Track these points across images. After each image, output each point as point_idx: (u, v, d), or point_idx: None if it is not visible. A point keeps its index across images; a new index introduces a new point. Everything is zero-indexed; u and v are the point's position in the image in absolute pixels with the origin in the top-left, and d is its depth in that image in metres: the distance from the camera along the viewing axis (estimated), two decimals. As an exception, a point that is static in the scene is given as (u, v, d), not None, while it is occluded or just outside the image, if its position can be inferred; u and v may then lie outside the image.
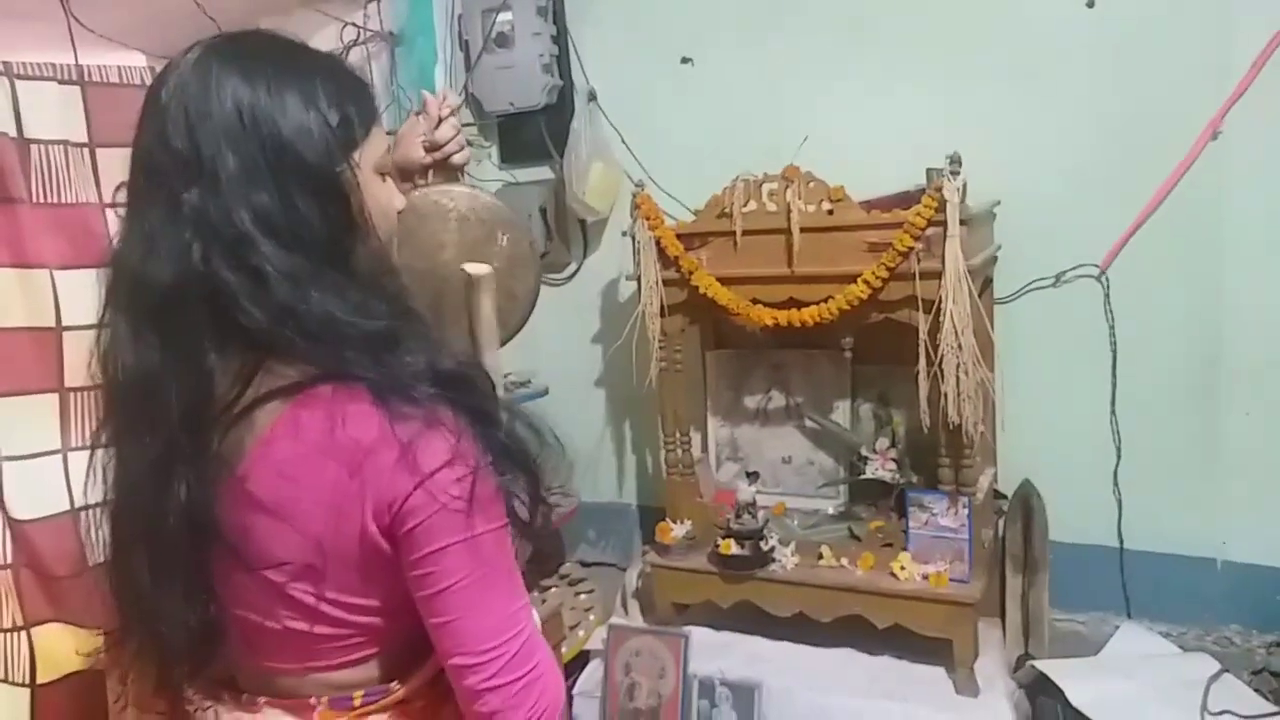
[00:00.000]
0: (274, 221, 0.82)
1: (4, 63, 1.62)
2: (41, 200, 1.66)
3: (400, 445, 0.81)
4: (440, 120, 1.20)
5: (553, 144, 2.31)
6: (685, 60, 2.24)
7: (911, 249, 1.71)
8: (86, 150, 1.71)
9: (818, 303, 1.83)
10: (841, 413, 2.15)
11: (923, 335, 1.73)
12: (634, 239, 2.00)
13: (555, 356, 2.42)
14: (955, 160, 1.69)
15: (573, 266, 2.44)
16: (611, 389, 2.46)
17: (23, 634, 1.63)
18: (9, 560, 1.61)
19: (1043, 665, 1.85)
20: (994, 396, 1.94)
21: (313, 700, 0.91)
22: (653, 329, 2.00)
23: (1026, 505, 2.03)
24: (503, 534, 0.87)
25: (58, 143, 1.68)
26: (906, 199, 1.76)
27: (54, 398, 1.66)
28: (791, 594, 1.94)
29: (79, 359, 1.64)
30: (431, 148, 1.20)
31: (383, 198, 0.94)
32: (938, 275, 1.69)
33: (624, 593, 2.28)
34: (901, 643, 1.89)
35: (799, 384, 2.19)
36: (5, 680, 1.62)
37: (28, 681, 1.63)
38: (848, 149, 1.99)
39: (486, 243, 1.21)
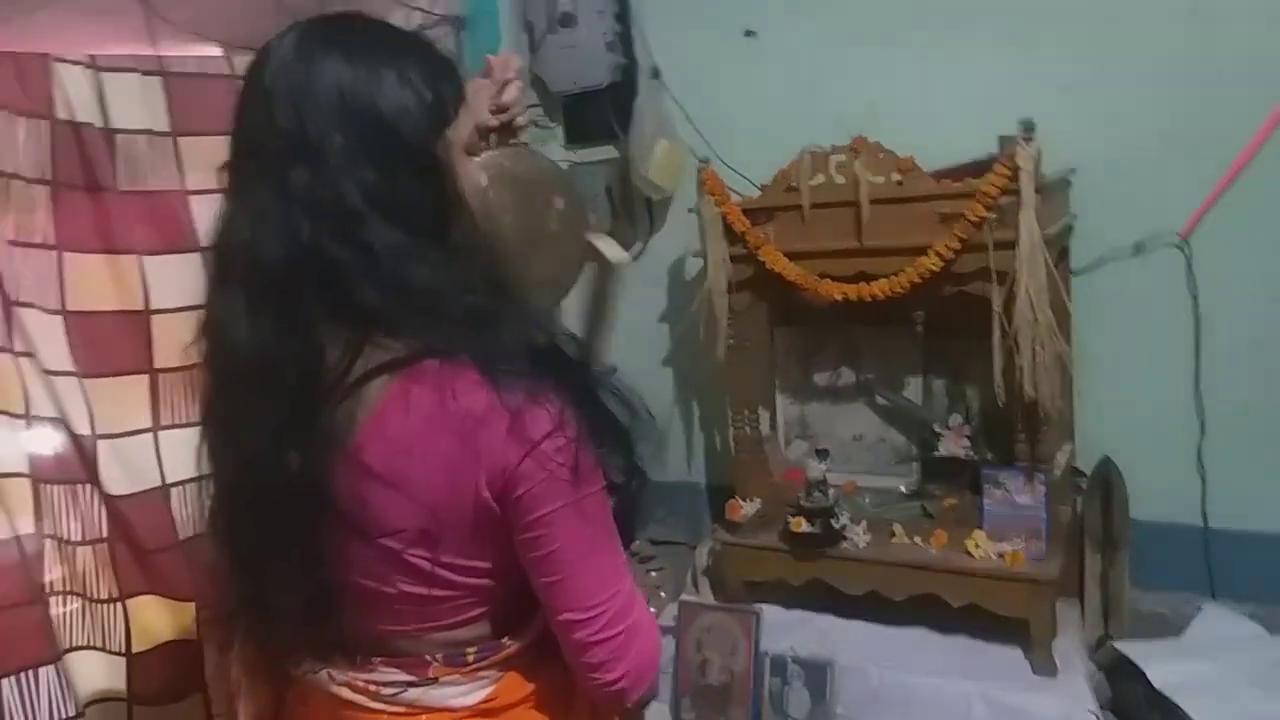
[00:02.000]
0: (379, 198, 0.84)
1: (89, 56, 1.68)
2: (128, 189, 1.72)
3: (510, 415, 0.84)
4: (505, 83, 1.21)
5: (617, 123, 2.31)
6: (749, 33, 2.21)
7: (984, 219, 1.67)
8: (169, 139, 1.76)
9: (888, 276, 1.81)
10: (913, 389, 2.12)
11: (997, 308, 1.69)
12: (700, 215, 1.99)
13: (621, 335, 2.37)
14: (1029, 126, 1.65)
15: (639, 245, 2.44)
16: (678, 367, 2.46)
17: (118, 605, 1.70)
18: (104, 534, 1.68)
19: (1123, 646, 1.81)
20: (1071, 370, 1.89)
21: (427, 658, 0.95)
22: (720, 306, 1.99)
23: (1106, 482, 1.98)
24: (603, 497, 0.91)
25: (142, 132, 1.73)
26: (978, 168, 1.73)
27: (145, 379, 1.72)
28: (864, 572, 1.93)
29: (168, 341, 1.71)
30: (497, 110, 1.22)
31: (471, 174, 0.96)
32: (1012, 246, 1.65)
33: (694, 570, 2.29)
34: (977, 622, 1.86)
35: (869, 360, 2.17)
36: (103, 649, 1.70)
37: (124, 650, 1.71)
38: (916, 118, 1.95)
39: (544, 205, 1.22)
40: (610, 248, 1.08)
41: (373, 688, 0.95)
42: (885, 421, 2.16)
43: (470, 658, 0.95)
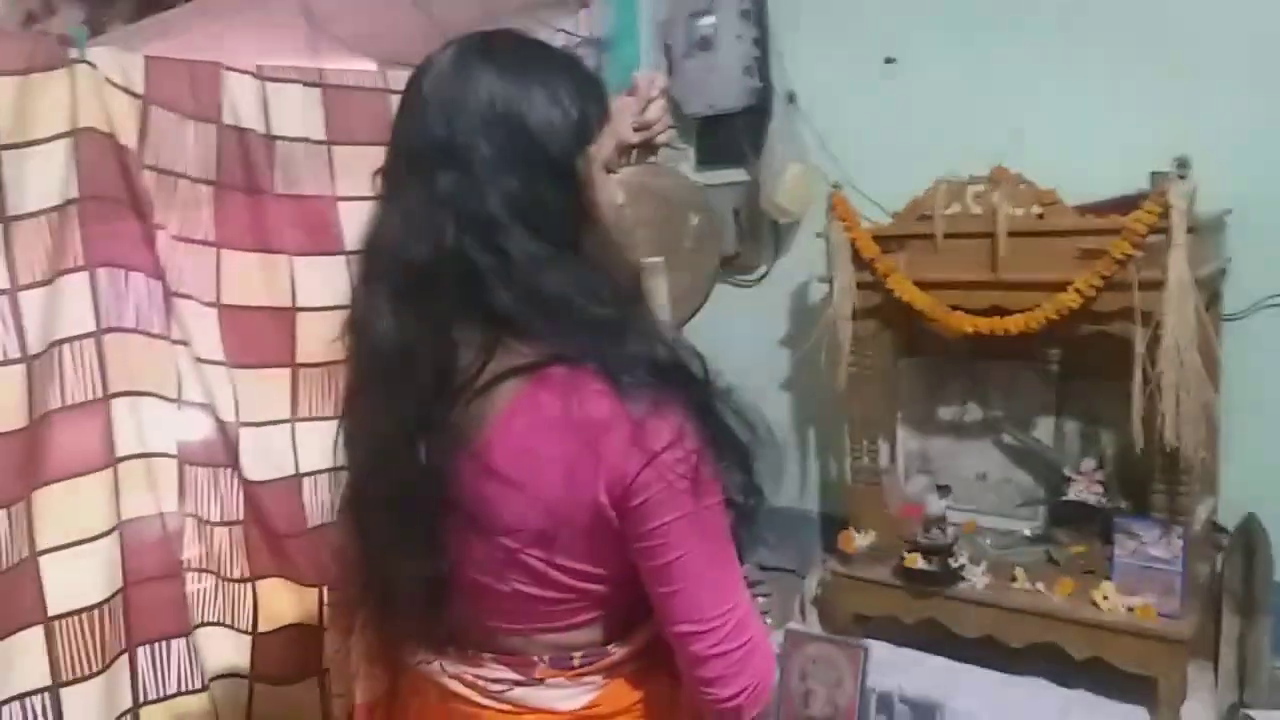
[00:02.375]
0: (521, 207, 0.87)
1: (257, 66, 1.78)
2: (283, 193, 1.81)
3: (632, 424, 0.85)
4: (649, 101, 1.23)
5: (750, 146, 2.31)
6: (889, 60, 2.19)
7: (1130, 257, 1.61)
8: (324, 148, 1.85)
9: (1024, 311, 1.76)
10: (1044, 430, 2.04)
11: (1139, 350, 1.62)
12: (828, 240, 1.98)
13: (741, 357, 2.38)
14: (1183, 163, 1.58)
15: (763, 269, 2.44)
16: (797, 393, 2.44)
17: (248, 586, 1.79)
18: (241, 517, 1.77)
19: (1258, 715, 1.69)
20: (1217, 421, 1.79)
21: (535, 658, 0.96)
22: (844, 333, 1.97)
23: (1249, 541, 1.86)
24: (720, 510, 0.91)
25: (299, 140, 1.83)
26: (1126, 204, 1.66)
27: (287, 372, 1.81)
28: (981, 615, 1.86)
29: (310, 338, 1.79)
30: (640, 127, 1.24)
31: (609, 191, 0.98)
32: (1159, 286, 1.58)
33: (802, 599, 2.25)
34: (1100, 677, 1.77)
35: (999, 397, 2.10)
36: (232, 626, 1.78)
37: (250, 629, 1.79)
38: (1061, 150, 1.90)
39: (681, 222, 1.23)
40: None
41: (481, 683, 0.97)
42: (1012, 462, 2.09)
43: (576, 662, 0.96)
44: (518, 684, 0.96)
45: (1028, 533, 2.03)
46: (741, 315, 2.43)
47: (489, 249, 0.86)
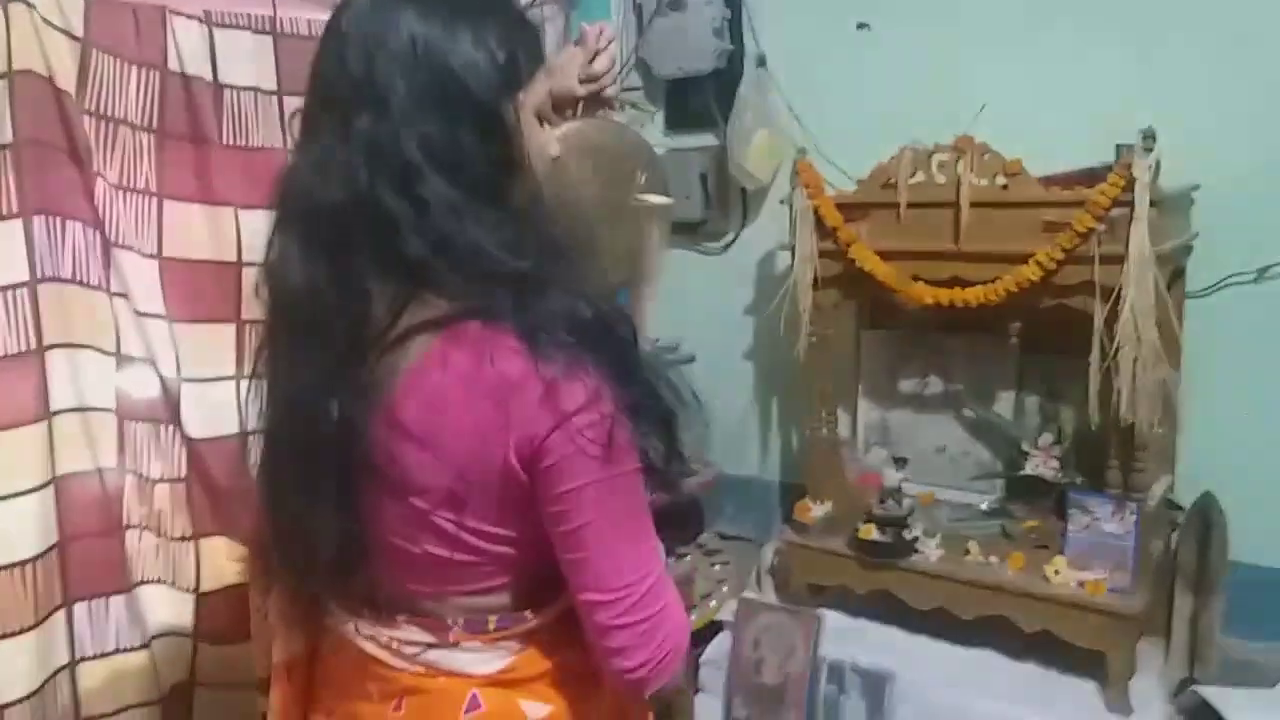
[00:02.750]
0: (439, 152, 0.84)
1: (205, 11, 1.72)
2: (231, 143, 1.76)
3: (544, 384, 0.82)
4: (598, 52, 1.19)
5: (719, 110, 2.27)
6: (861, 25, 2.15)
7: (1092, 230, 1.58)
8: (275, 98, 1.80)
9: (984, 283, 1.73)
10: (1004, 404, 2.03)
11: (1098, 324, 1.60)
12: (791, 207, 1.94)
13: (705, 325, 2.39)
14: (1149, 136, 1.55)
15: (730, 235, 2.40)
16: (760, 362, 2.42)
17: (191, 544, 1.75)
18: (182, 474, 1.73)
19: (1208, 692, 1.69)
20: (1176, 398, 1.78)
21: (449, 621, 0.94)
22: (804, 302, 1.94)
23: (1205, 519, 1.86)
24: (635, 478, 0.88)
25: (249, 89, 1.77)
26: (1091, 176, 1.63)
27: (232, 328, 1.76)
28: (933, 587, 1.85)
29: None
30: (587, 79, 1.20)
31: (540, 140, 0.95)
32: (1120, 260, 1.56)
33: (759, 568, 2.24)
34: (1049, 651, 1.77)
35: (960, 370, 2.08)
36: (173, 585, 1.75)
37: (193, 589, 1.76)
38: (1028, 121, 1.85)
39: (627, 179, 1.19)
40: (655, 196, 1.02)
41: (395, 644, 0.95)
42: (971, 435, 2.08)
43: (491, 626, 0.94)
44: (431, 646, 0.94)
45: (984, 506, 2.02)
46: (707, 282, 2.40)
47: (403, 195, 0.83)
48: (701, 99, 2.31)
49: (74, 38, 1.57)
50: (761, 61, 2.22)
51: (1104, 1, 1.90)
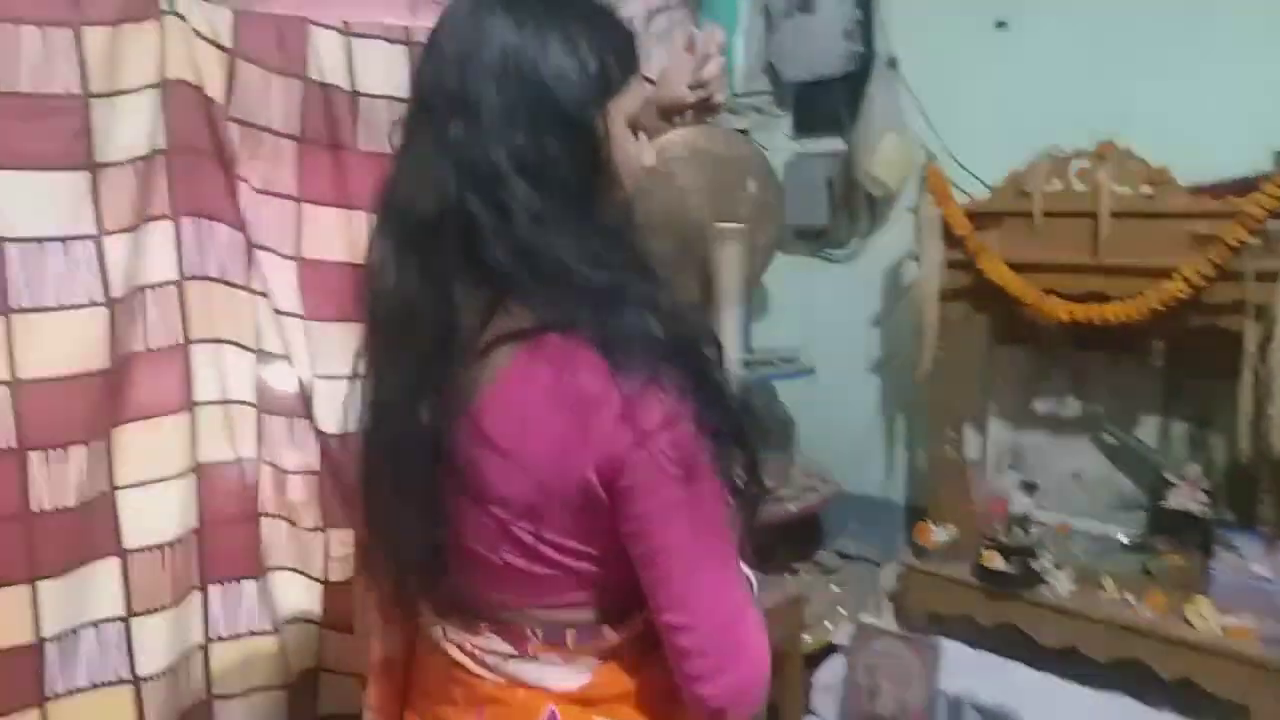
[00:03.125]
0: (526, 161, 0.84)
1: (343, 22, 1.79)
2: (366, 149, 1.83)
3: (623, 400, 0.81)
4: (707, 58, 1.17)
5: (847, 114, 2.21)
6: (1000, 25, 2.05)
7: (1244, 244, 1.46)
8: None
9: (1125, 299, 1.62)
10: (1149, 429, 1.89)
11: (1250, 347, 1.47)
12: (917, 215, 1.87)
13: (827, 336, 2.33)
14: (1315, 143, 1.42)
15: (856, 243, 2.34)
16: (886, 376, 2.34)
17: (320, 534, 1.83)
18: (315, 467, 1.81)
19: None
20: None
21: (528, 632, 0.94)
22: (929, 315, 1.87)
23: (1376, 565, 1.68)
24: (715, 500, 0.86)
25: (383, 97, 1.84)
26: (1245, 186, 1.51)
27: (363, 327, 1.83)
28: (1063, 624, 1.75)
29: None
30: (695, 85, 1.18)
31: (632, 150, 0.93)
32: (1275, 277, 1.43)
33: (878, 591, 2.17)
34: (1190, 700, 1.65)
35: (1101, 392, 1.96)
36: (304, 573, 1.83)
37: (322, 578, 1.84)
38: (1177, 125, 1.74)
39: (735, 187, 1.17)
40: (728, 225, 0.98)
41: (478, 653, 0.95)
42: (1111, 462, 1.95)
43: (569, 640, 0.93)
44: (511, 657, 0.94)
45: (1123, 539, 1.89)
46: (831, 291, 2.34)
47: (489, 203, 0.83)
48: (830, 102, 2.25)
49: (222, 48, 1.66)
50: (893, 63, 2.15)
51: (1267, -1, 1.75)
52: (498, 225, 0.83)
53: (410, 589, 1.00)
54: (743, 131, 2.30)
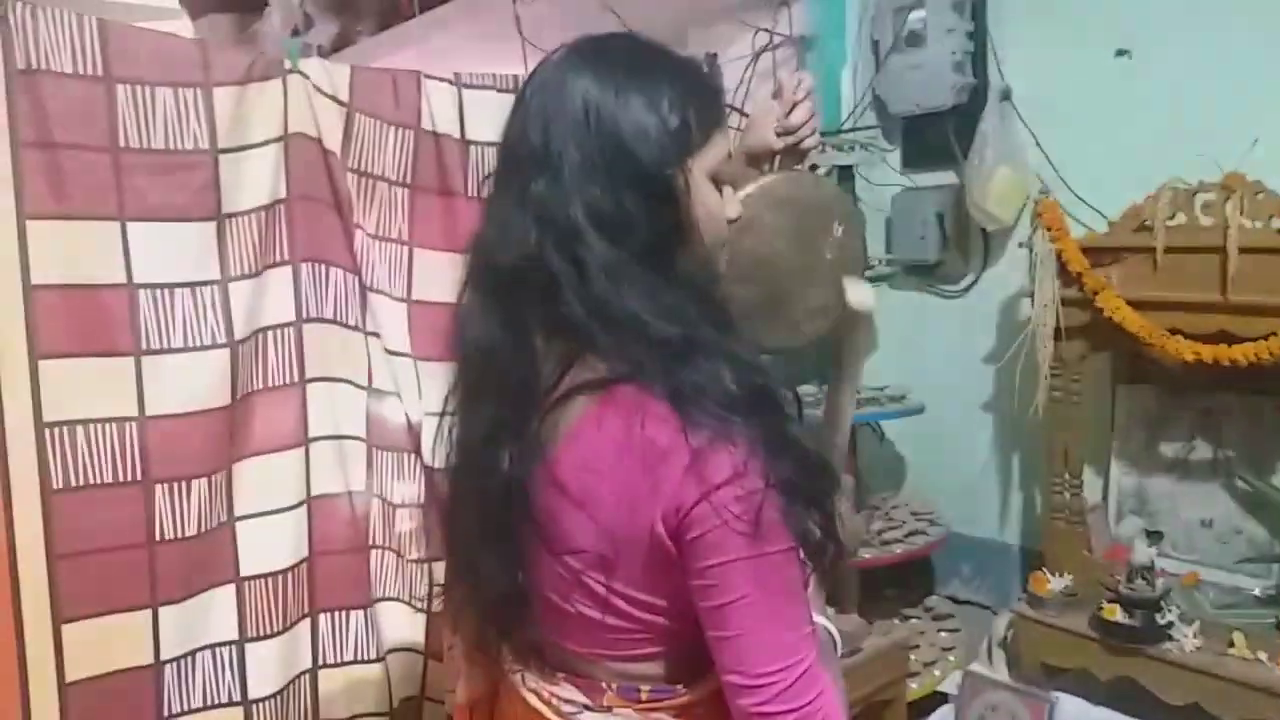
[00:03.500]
0: (603, 217, 0.85)
1: (454, 74, 1.87)
2: (475, 195, 1.88)
3: (691, 453, 0.81)
4: (795, 104, 1.17)
5: (959, 147, 2.16)
6: (1121, 53, 1.96)
7: (1387, 280, 1.35)
8: (518, 153, 1.91)
9: (1256, 339, 1.52)
10: (1286, 476, 1.77)
11: (1398, 391, 1.36)
12: (1031, 251, 1.80)
13: (940, 373, 2.27)
14: None
15: (969, 278, 2.27)
16: (1000, 415, 2.25)
17: (425, 566, 1.88)
18: (421, 500, 1.86)
19: None
20: None
21: (603, 684, 0.94)
22: (1043, 353, 1.80)
23: None
24: (786, 559, 0.84)
25: (492, 144, 1.89)
26: (1390, 219, 1.40)
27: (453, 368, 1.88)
28: (1188, 681, 1.64)
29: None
30: (783, 132, 1.17)
31: (714, 204, 0.94)
32: None
33: (990, 639, 2.08)
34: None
35: (1233, 435, 1.84)
36: (409, 604, 1.88)
37: (425, 609, 1.88)
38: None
39: (822, 233, 1.16)
40: (856, 290, 0.95)
41: (555, 701, 0.96)
42: (1244, 510, 1.82)
43: (643, 695, 0.93)
44: (587, 708, 0.94)
45: (1257, 592, 1.76)
46: (943, 328, 2.28)
47: (567, 257, 0.85)
48: (940, 135, 2.21)
49: (340, 103, 1.74)
50: (1006, 95, 2.09)
51: None
52: (574, 279, 0.85)
53: (489, 630, 1.01)
54: (847, 168, 2.28)
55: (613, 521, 0.86)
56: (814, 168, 1.27)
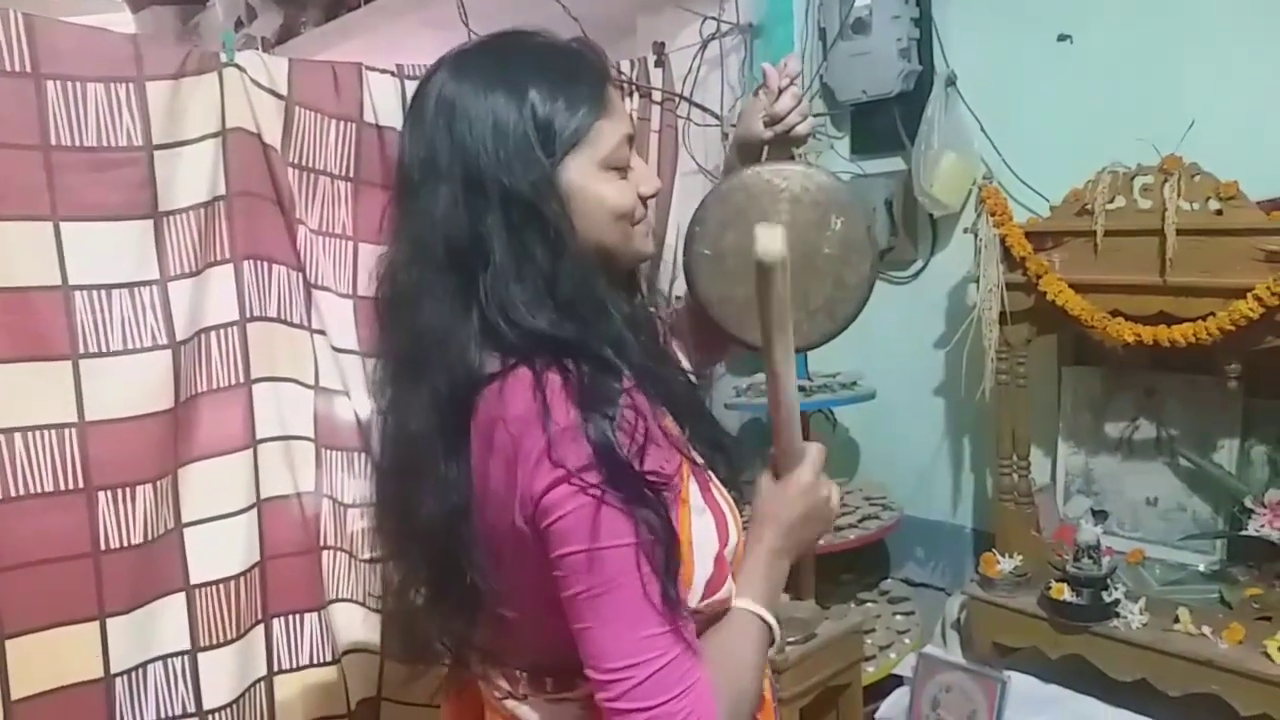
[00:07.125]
0: (478, 228, 0.88)
1: (397, 65, 1.84)
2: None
3: (547, 439, 0.82)
4: (780, 91, 1.15)
5: (906, 133, 2.17)
6: (1063, 38, 1.98)
7: (1322, 261, 1.38)
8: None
9: (1194, 320, 1.55)
10: (1227, 453, 1.80)
11: (1331, 370, 1.39)
12: (976, 236, 1.82)
13: (890, 359, 2.28)
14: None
15: (918, 264, 2.28)
16: (951, 399, 2.28)
17: (379, 566, 1.84)
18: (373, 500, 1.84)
19: None
20: None
21: (517, 673, 0.97)
22: (989, 337, 1.81)
23: None
24: (629, 554, 0.82)
25: (436, 136, 1.87)
26: (1321, 199, 1.43)
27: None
28: (1135, 657, 1.67)
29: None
30: (772, 121, 1.16)
31: (607, 192, 0.93)
32: (1357, 295, 1.35)
33: (944, 621, 2.11)
34: (1273, 738, 1.55)
35: (1176, 414, 1.87)
36: (363, 604, 1.86)
37: (380, 608, 1.86)
38: (1246, 138, 1.65)
39: (819, 226, 1.13)
40: (763, 236, 0.89)
41: (488, 686, 1.00)
42: (1188, 487, 1.86)
43: (549, 686, 0.95)
44: (510, 697, 0.97)
45: (1201, 568, 1.80)
46: (893, 314, 2.29)
47: (451, 264, 0.89)
48: (887, 122, 2.22)
49: (279, 96, 1.71)
50: (951, 81, 2.10)
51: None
52: (464, 285, 0.88)
53: (426, 625, 1.01)
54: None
55: (493, 512, 0.87)
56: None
